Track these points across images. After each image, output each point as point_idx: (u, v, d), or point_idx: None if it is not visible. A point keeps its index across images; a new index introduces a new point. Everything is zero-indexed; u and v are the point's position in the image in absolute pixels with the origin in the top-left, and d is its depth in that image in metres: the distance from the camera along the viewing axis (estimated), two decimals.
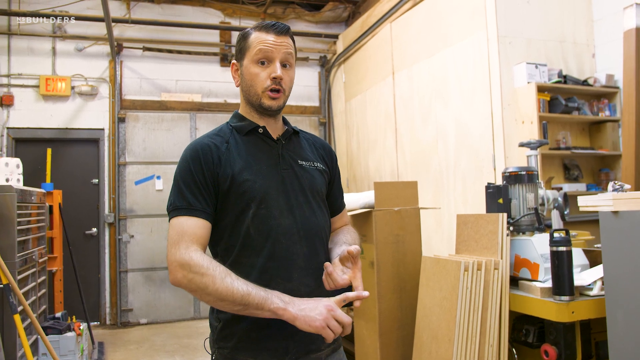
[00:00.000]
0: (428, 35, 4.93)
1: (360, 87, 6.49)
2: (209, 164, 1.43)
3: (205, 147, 1.46)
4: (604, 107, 4.26)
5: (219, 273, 1.30)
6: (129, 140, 6.67)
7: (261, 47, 1.46)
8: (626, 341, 1.90)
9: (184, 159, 1.46)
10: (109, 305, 6.49)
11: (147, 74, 6.80)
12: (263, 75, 1.47)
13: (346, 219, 1.78)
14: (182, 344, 5.50)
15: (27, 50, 6.32)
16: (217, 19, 7.08)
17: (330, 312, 1.28)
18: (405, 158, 5.40)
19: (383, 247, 2.99)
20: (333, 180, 1.68)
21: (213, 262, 1.33)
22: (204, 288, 1.29)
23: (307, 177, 1.53)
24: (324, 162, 1.64)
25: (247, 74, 1.50)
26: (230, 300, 1.28)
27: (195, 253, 1.33)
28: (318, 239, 1.50)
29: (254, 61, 1.48)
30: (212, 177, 1.43)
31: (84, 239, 6.48)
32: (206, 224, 1.40)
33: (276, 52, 1.47)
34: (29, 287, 3.83)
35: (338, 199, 1.72)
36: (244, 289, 1.28)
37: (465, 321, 2.40)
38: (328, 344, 1.50)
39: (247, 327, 1.41)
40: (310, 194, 1.52)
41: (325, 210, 1.58)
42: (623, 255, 1.91)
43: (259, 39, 1.48)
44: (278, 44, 1.47)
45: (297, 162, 1.54)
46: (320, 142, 1.71)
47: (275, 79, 1.47)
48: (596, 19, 4.41)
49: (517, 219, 2.63)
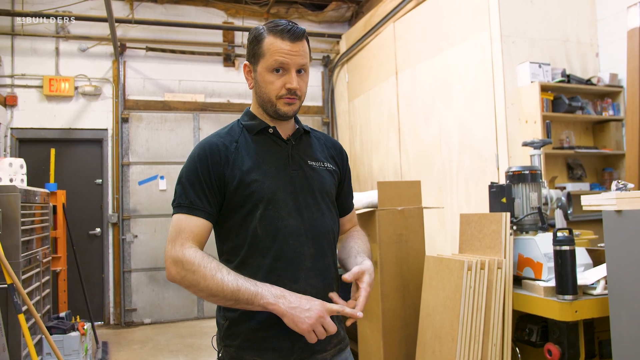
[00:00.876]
0: (431, 35, 4.93)
1: (364, 86, 6.49)
2: (216, 164, 1.43)
3: (214, 146, 1.46)
4: (608, 107, 4.25)
5: (209, 270, 1.31)
6: (132, 140, 6.68)
7: (277, 57, 1.42)
8: (629, 340, 1.89)
9: (191, 157, 1.46)
10: (113, 305, 6.51)
11: (150, 74, 6.82)
12: (278, 84, 1.45)
13: (355, 219, 1.78)
14: (185, 344, 5.51)
15: (30, 51, 6.34)
16: (220, 19, 7.09)
17: (319, 318, 1.29)
18: (408, 158, 5.39)
19: (386, 246, 2.99)
20: (343, 180, 1.67)
21: (206, 258, 1.34)
22: (196, 285, 1.32)
23: (317, 178, 1.53)
24: (334, 162, 1.63)
25: (262, 81, 1.47)
26: (221, 296, 1.30)
27: (189, 250, 1.35)
28: (326, 241, 1.50)
29: (268, 69, 1.44)
30: (219, 178, 1.43)
31: (87, 239, 6.50)
32: (206, 223, 1.41)
33: (292, 61, 1.43)
34: (33, 287, 3.84)
35: (348, 199, 1.72)
36: (234, 285, 1.29)
37: (469, 320, 2.40)
38: (335, 343, 1.51)
39: (253, 326, 1.41)
40: (319, 195, 1.51)
41: (334, 211, 1.58)
42: (626, 254, 1.91)
43: (274, 47, 1.43)
44: (294, 53, 1.43)
45: (307, 163, 1.53)
46: (332, 141, 1.70)
47: (290, 89, 1.45)
48: (600, 18, 4.40)
49: (521, 218, 2.62)
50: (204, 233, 1.41)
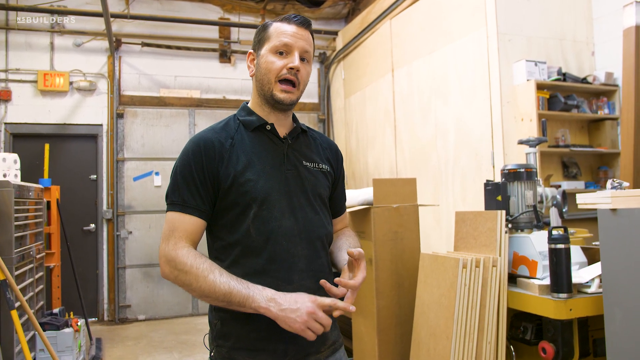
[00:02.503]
0: (428, 32, 4.93)
1: (360, 83, 6.48)
2: (210, 161, 1.41)
3: (209, 142, 1.43)
4: (603, 105, 4.25)
5: (202, 271, 1.31)
6: (127, 136, 6.65)
7: (281, 37, 1.44)
8: (624, 338, 1.90)
9: (185, 152, 1.44)
10: (107, 301, 6.49)
11: (146, 70, 6.79)
12: (279, 64, 1.44)
13: (346, 221, 1.77)
14: (180, 340, 5.50)
15: (25, 45, 6.30)
16: (217, 15, 7.06)
17: (310, 315, 1.28)
18: (404, 155, 5.39)
19: (381, 244, 2.99)
20: (337, 182, 1.66)
21: (198, 258, 1.33)
22: (188, 285, 1.33)
23: (311, 179, 1.51)
24: (329, 164, 1.61)
25: (264, 62, 1.46)
26: (214, 297, 1.31)
27: (182, 250, 1.35)
28: (319, 242, 1.49)
29: (272, 50, 1.45)
30: (212, 175, 1.41)
31: (82, 235, 6.47)
32: (199, 221, 1.40)
33: (296, 43, 1.44)
34: (26, 283, 3.82)
35: (340, 201, 1.70)
36: (226, 288, 1.29)
37: (464, 318, 2.40)
38: (329, 344, 1.50)
39: (246, 327, 1.40)
40: (312, 196, 1.50)
41: (327, 213, 1.57)
42: (621, 252, 1.91)
43: (279, 29, 1.46)
44: (299, 35, 1.45)
45: (302, 163, 1.51)
46: (328, 142, 1.68)
47: (292, 69, 1.43)
48: (596, 17, 4.41)
49: (516, 216, 2.62)
50: (197, 231, 1.40)
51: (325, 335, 1.47)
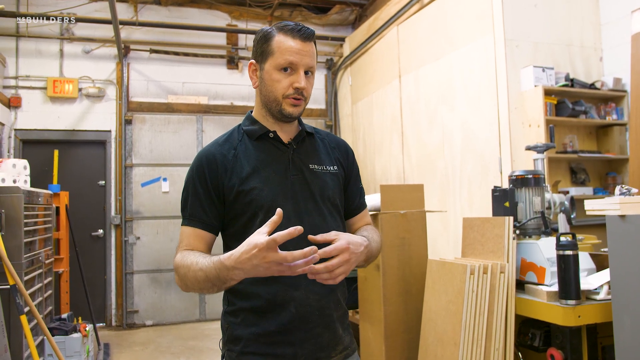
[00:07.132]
0: (435, 38, 4.93)
1: (367, 90, 6.49)
2: (213, 175, 1.45)
3: (211, 157, 1.47)
4: (612, 111, 4.24)
5: (186, 271, 1.33)
6: (135, 142, 6.69)
7: (286, 57, 1.41)
8: (633, 345, 1.88)
9: (190, 169, 1.50)
10: (115, 306, 6.51)
11: (154, 76, 6.83)
12: (285, 83, 1.43)
13: (367, 219, 1.70)
14: (187, 346, 5.51)
15: (34, 52, 6.36)
16: (224, 22, 7.10)
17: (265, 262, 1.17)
18: (411, 161, 5.39)
19: (389, 250, 2.99)
20: (349, 179, 1.62)
21: (185, 258, 1.35)
22: (187, 285, 1.36)
23: (318, 183, 1.50)
24: (338, 163, 1.59)
25: (269, 79, 1.44)
26: (204, 285, 1.29)
27: (177, 256, 1.40)
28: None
29: (276, 67, 1.42)
30: (216, 187, 1.44)
31: (90, 241, 6.51)
32: (203, 233, 1.44)
33: (301, 61, 1.41)
34: (35, 288, 3.84)
35: (356, 198, 1.64)
36: (202, 275, 1.27)
37: (471, 324, 2.39)
38: (340, 350, 1.49)
39: (256, 331, 1.41)
40: (320, 200, 1.49)
41: (337, 216, 1.54)
42: (630, 259, 1.90)
43: (283, 45, 1.41)
44: (304, 52, 1.42)
45: (308, 167, 1.51)
46: (336, 140, 1.66)
47: (298, 89, 1.43)
48: (604, 23, 4.40)
49: (524, 222, 2.62)
50: (202, 243, 1.44)
51: (337, 340, 1.47)
